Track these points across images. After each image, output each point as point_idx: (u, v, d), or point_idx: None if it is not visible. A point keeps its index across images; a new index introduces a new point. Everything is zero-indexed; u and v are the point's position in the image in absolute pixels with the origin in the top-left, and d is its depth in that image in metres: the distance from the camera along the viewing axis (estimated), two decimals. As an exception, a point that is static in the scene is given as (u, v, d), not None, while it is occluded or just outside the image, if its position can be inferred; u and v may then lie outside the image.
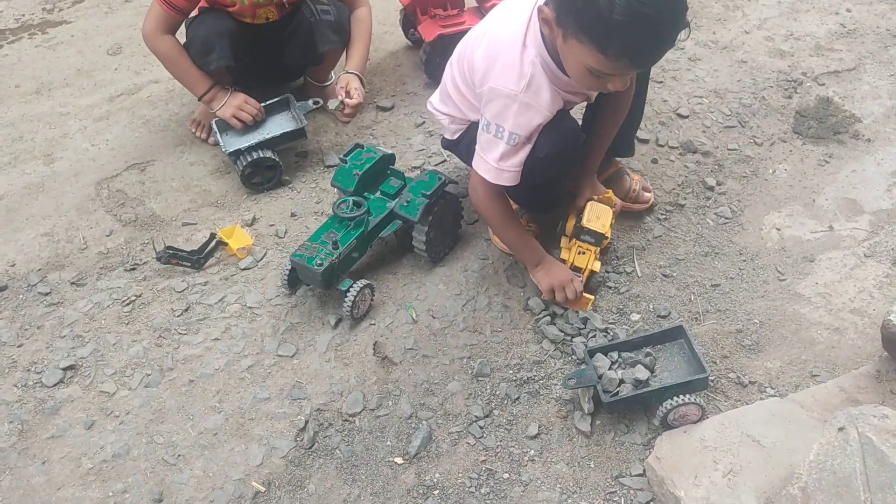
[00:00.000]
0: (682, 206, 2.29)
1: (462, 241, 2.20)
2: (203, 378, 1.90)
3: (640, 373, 1.74)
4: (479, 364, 1.90)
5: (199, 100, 2.42)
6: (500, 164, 1.78)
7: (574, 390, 1.81)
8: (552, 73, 1.71)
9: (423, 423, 1.80)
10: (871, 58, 2.83)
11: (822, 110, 2.57)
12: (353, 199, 2.02)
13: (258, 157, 2.31)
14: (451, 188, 2.11)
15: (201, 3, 2.37)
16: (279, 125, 2.44)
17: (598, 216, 1.98)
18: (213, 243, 2.17)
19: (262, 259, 2.18)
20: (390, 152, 2.19)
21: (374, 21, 2.58)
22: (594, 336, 1.93)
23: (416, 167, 2.43)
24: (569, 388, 1.81)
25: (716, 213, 2.28)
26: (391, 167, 2.18)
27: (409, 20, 2.91)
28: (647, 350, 1.81)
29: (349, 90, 2.40)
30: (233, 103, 2.38)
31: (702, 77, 2.76)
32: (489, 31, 1.82)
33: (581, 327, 1.95)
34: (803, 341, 1.93)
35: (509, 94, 1.71)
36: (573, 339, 1.92)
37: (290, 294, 2.07)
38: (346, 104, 2.38)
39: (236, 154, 2.33)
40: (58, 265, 2.20)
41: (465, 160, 2.04)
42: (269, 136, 2.38)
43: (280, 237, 2.25)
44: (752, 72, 2.78)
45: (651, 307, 2.02)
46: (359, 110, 2.49)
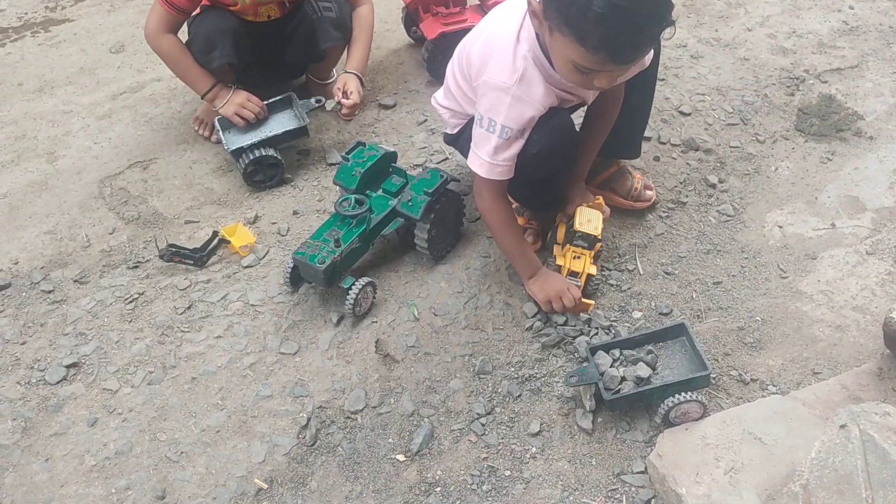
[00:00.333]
0: (684, 204, 2.29)
1: (464, 239, 2.21)
2: (205, 375, 1.91)
3: (642, 370, 1.74)
4: (481, 361, 1.90)
5: (202, 98, 2.43)
6: (493, 159, 1.79)
7: (576, 388, 1.81)
8: (544, 68, 1.72)
9: (425, 420, 1.80)
10: (873, 55, 2.83)
11: (825, 108, 2.57)
12: (355, 196, 2.02)
13: (260, 154, 2.32)
14: (452, 186, 2.12)
15: (203, 2, 2.37)
16: (281, 123, 2.44)
17: (589, 219, 1.97)
18: (215, 241, 2.18)
19: (264, 257, 2.19)
20: (392, 150, 2.19)
21: (376, 19, 2.58)
22: (596, 334, 1.93)
23: (418, 165, 2.43)
24: (570, 386, 1.81)
25: (718, 211, 2.27)
26: (393, 165, 2.18)
27: (411, 18, 2.91)
28: (649, 347, 1.81)
29: (347, 90, 2.40)
30: (235, 101, 2.38)
31: (704, 74, 2.76)
32: (487, 27, 1.85)
33: (583, 328, 1.95)
34: (805, 339, 1.93)
35: (502, 87, 1.72)
36: (575, 340, 1.92)
37: (292, 292, 2.08)
38: (342, 104, 2.39)
39: (238, 152, 2.33)
40: (61, 263, 2.20)
41: (465, 155, 2.05)
42: (271, 134, 2.38)
43: (282, 235, 2.25)
44: (754, 69, 2.78)
45: (653, 305, 2.02)
46: (358, 110, 2.49)
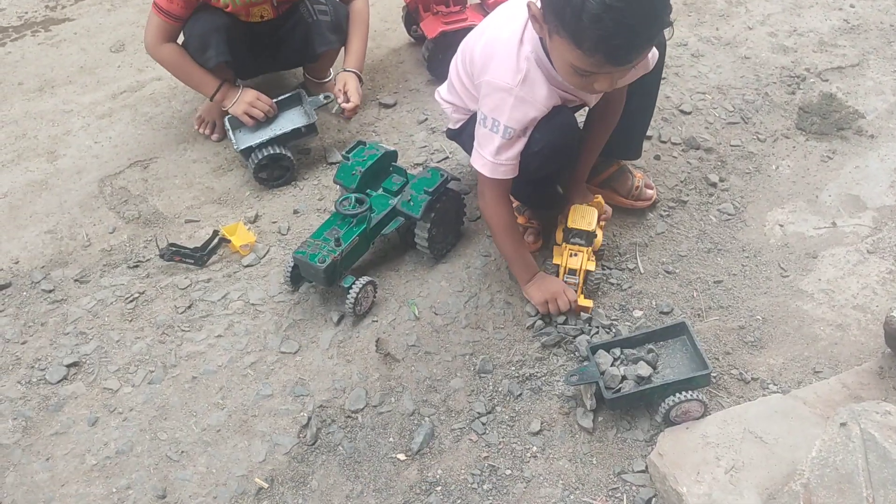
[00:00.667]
0: (685, 203, 2.29)
1: (464, 238, 2.20)
2: (206, 375, 1.91)
3: (643, 369, 1.74)
4: (482, 361, 1.90)
5: (211, 99, 2.42)
6: (497, 158, 1.79)
7: (576, 387, 1.81)
8: (547, 70, 1.72)
9: (426, 419, 1.80)
10: (874, 53, 2.82)
11: (826, 106, 2.57)
12: (356, 196, 2.02)
13: (272, 153, 2.31)
14: (453, 185, 2.12)
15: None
16: (291, 120, 2.44)
17: (582, 216, 1.98)
18: (216, 240, 2.18)
19: (264, 256, 2.19)
20: (392, 149, 2.19)
21: (376, 18, 2.58)
22: (597, 333, 1.93)
23: (418, 164, 2.43)
24: (571, 385, 1.81)
25: (718, 210, 2.27)
26: (393, 164, 2.18)
27: (411, 17, 2.91)
28: (650, 346, 1.81)
29: (347, 91, 2.40)
30: (245, 100, 2.38)
31: (705, 73, 2.76)
32: (489, 27, 1.85)
33: (583, 327, 1.94)
34: (806, 338, 1.93)
35: (505, 88, 1.73)
36: (575, 339, 1.92)
37: (292, 291, 2.08)
38: (343, 109, 2.39)
39: (248, 151, 2.33)
40: (61, 262, 2.20)
41: (468, 150, 2.05)
42: (280, 132, 2.37)
43: (283, 234, 2.25)
44: (755, 68, 2.77)
45: (653, 304, 2.02)
46: (358, 110, 2.49)
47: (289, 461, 1.74)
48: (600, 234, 2.04)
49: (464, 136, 2.06)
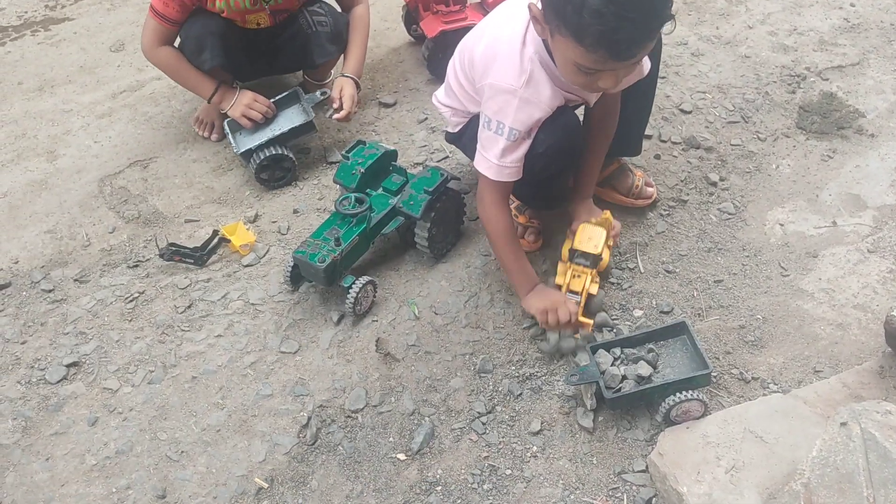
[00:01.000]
0: (685, 202, 2.29)
1: (464, 238, 2.20)
2: (206, 375, 1.90)
3: (643, 369, 1.74)
4: (482, 360, 1.90)
5: (208, 102, 2.42)
6: (502, 161, 1.78)
7: (576, 386, 1.81)
8: (551, 71, 1.72)
9: (426, 419, 1.80)
10: (875, 52, 2.82)
11: (826, 105, 2.57)
12: (356, 195, 2.02)
13: (272, 153, 2.31)
14: (453, 184, 2.11)
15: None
16: (289, 119, 2.43)
17: (589, 237, 1.91)
18: (215, 240, 2.17)
19: (264, 256, 2.18)
20: (392, 149, 2.19)
21: (376, 17, 2.58)
22: (598, 332, 1.93)
23: (418, 163, 2.43)
24: (571, 385, 1.81)
25: (719, 209, 2.27)
26: (393, 163, 2.18)
27: (411, 16, 2.90)
28: (650, 346, 1.81)
29: (342, 97, 2.39)
30: (242, 102, 2.38)
31: (705, 72, 2.75)
32: (490, 28, 1.84)
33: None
34: (806, 337, 1.93)
35: (509, 90, 1.72)
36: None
37: (292, 291, 2.07)
38: (336, 118, 2.39)
39: (248, 154, 2.33)
40: (61, 262, 2.20)
41: (468, 154, 2.05)
42: (279, 132, 2.37)
43: (283, 234, 2.25)
44: (755, 67, 2.77)
45: (654, 303, 2.02)
46: (357, 108, 2.48)
47: (289, 461, 1.74)
48: (607, 254, 1.98)
49: (464, 139, 2.05)
